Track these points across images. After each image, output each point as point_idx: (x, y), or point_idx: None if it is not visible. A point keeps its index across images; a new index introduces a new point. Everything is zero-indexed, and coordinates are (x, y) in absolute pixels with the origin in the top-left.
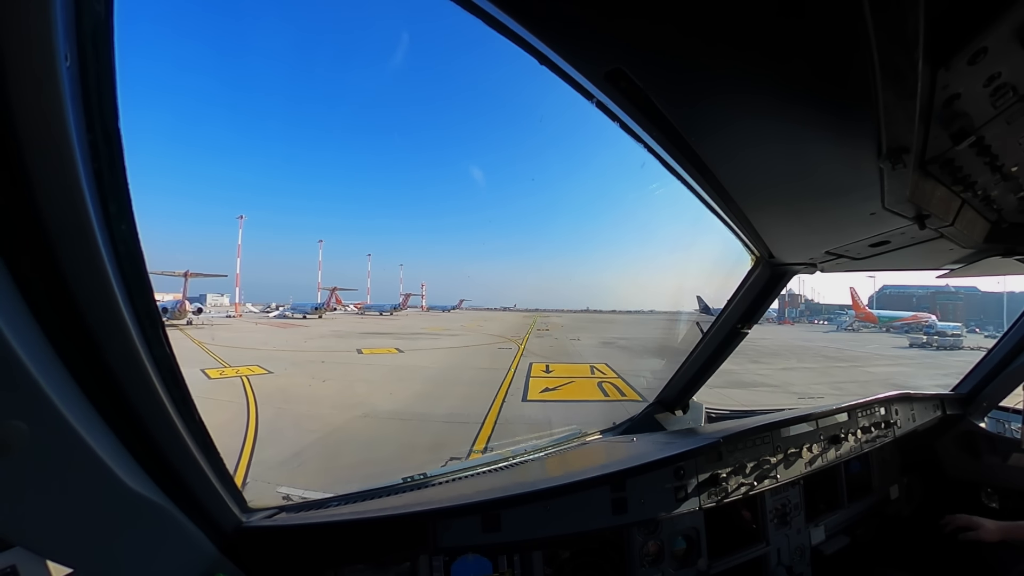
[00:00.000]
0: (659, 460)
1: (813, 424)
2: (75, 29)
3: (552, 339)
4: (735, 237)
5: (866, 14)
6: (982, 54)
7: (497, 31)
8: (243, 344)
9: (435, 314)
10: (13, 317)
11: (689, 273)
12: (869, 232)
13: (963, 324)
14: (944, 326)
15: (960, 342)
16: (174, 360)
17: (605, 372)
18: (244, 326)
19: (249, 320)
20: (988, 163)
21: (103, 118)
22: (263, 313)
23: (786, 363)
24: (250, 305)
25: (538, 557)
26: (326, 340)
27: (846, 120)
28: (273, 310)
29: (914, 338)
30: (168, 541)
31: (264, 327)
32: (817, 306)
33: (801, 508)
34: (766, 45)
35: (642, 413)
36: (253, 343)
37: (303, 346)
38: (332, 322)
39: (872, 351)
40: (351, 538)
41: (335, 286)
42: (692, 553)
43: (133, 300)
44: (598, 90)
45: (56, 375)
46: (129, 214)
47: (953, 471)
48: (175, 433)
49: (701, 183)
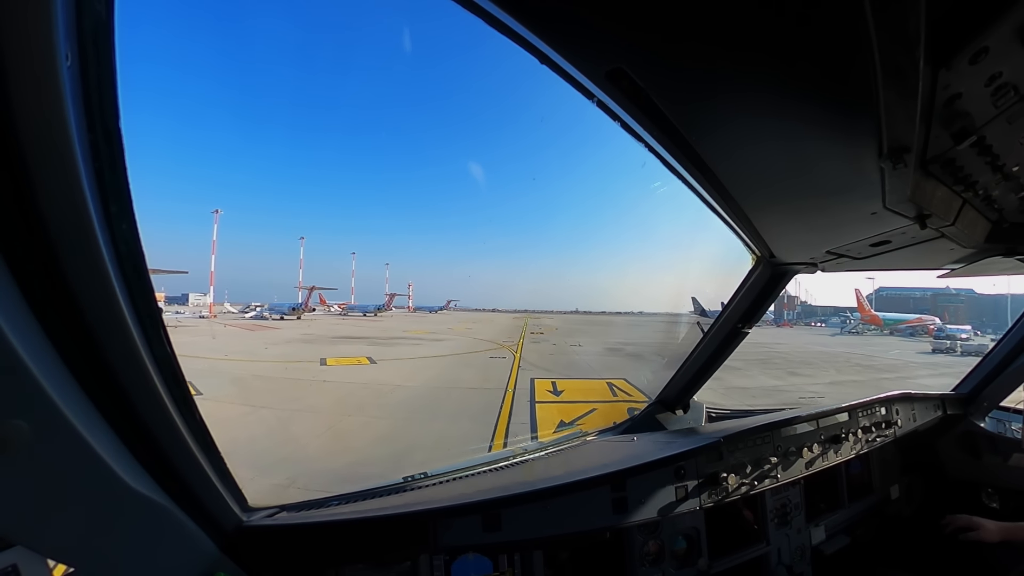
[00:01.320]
0: (660, 460)
1: (814, 424)
2: (76, 29)
3: (549, 345)
4: (735, 237)
5: (867, 14)
6: (983, 54)
7: (498, 31)
8: (192, 352)
9: (422, 315)
10: (14, 316)
11: (688, 274)
12: (870, 232)
13: (941, 327)
14: (954, 329)
15: (985, 347)
16: (175, 359)
17: (629, 392)
18: (211, 329)
19: (222, 321)
20: (989, 163)
21: (104, 118)
22: (240, 314)
23: (828, 375)
24: (228, 305)
25: (538, 556)
26: (291, 347)
27: (847, 119)
28: (251, 310)
29: (938, 343)
30: (169, 540)
31: (233, 330)
32: (811, 308)
33: (802, 508)
34: (767, 44)
35: (642, 412)
36: (204, 351)
37: (260, 355)
38: (309, 324)
39: (899, 357)
40: (352, 537)
41: (313, 285)
42: (692, 553)
43: (134, 299)
44: (599, 89)
45: (57, 374)
46: (130, 213)
47: (954, 471)
48: (176, 432)
49: (702, 182)
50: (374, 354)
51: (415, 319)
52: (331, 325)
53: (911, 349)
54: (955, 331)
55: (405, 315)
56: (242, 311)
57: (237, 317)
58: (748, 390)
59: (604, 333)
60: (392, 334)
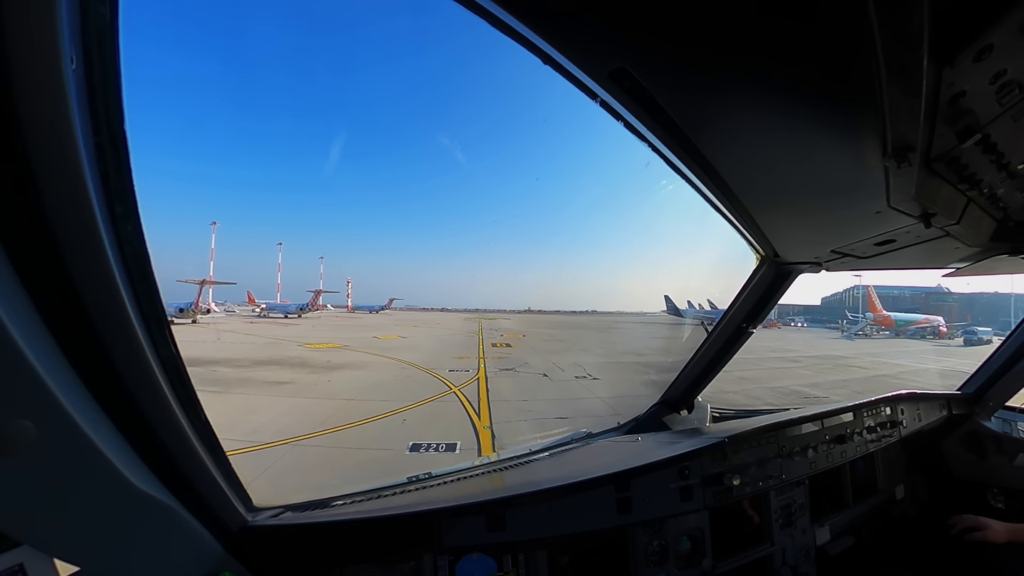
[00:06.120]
0: (664, 460)
1: (819, 424)
2: (80, 32)
3: (531, 375)
4: (738, 236)
5: (870, 11)
6: (987, 51)
7: (501, 31)
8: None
9: (358, 316)
10: (20, 317)
11: (690, 273)
12: (874, 231)
13: (948, 325)
14: (980, 331)
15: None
16: (180, 360)
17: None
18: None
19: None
20: (994, 161)
21: (109, 120)
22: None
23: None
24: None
25: (543, 557)
26: None
27: (851, 118)
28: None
29: (968, 337)
30: (174, 540)
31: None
32: (785, 307)
33: (806, 508)
34: (770, 43)
35: (647, 413)
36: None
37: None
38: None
39: (954, 366)
40: (356, 537)
41: (203, 279)
42: (697, 553)
43: (139, 301)
44: (602, 89)
45: (63, 375)
46: (135, 215)
47: (959, 471)
48: (181, 433)
49: (705, 182)
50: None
51: (341, 323)
52: (204, 335)
53: (966, 356)
54: (982, 333)
55: (336, 316)
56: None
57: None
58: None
59: (589, 342)
60: (252, 359)
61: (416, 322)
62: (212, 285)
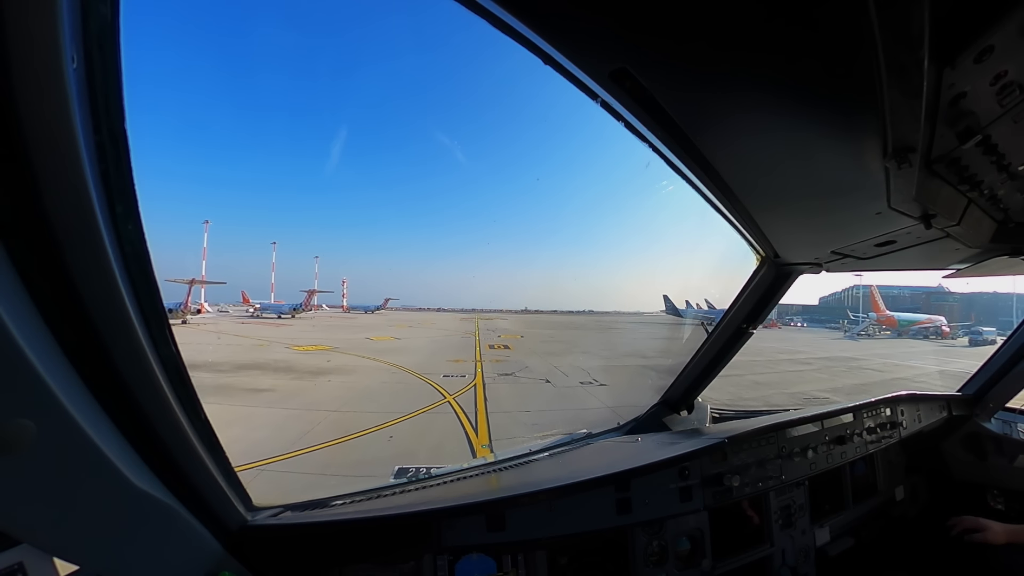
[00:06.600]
0: (664, 460)
1: (818, 425)
2: (81, 31)
3: (534, 382)
4: (738, 237)
5: (871, 12)
6: (988, 52)
7: (502, 31)
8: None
9: (352, 316)
10: (21, 316)
11: (690, 273)
12: (875, 231)
13: (949, 326)
14: (985, 331)
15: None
16: (180, 359)
17: None
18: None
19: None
20: (995, 162)
21: (109, 119)
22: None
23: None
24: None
25: (542, 557)
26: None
27: (851, 119)
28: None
29: (974, 337)
30: (174, 539)
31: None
32: (784, 307)
33: (806, 509)
34: (771, 44)
35: (647, 413)
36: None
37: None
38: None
39: (971, 368)
40: (356, 537)
41: (193, 279)
42: (696, 554)
43: (140, 300)
44: (603, 89)
45: (63, 374)
46: (136, 214)
47: (959, 472)
48: (181, 432)
49: (706, 182)
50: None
51: (335, 323)
52: (195, 335)
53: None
54: (988, 333)
55: (331, 317)
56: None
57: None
58: None
59: (588, 343)
60: (227, 364)
61: (412, 322)
62: (203, 285)
